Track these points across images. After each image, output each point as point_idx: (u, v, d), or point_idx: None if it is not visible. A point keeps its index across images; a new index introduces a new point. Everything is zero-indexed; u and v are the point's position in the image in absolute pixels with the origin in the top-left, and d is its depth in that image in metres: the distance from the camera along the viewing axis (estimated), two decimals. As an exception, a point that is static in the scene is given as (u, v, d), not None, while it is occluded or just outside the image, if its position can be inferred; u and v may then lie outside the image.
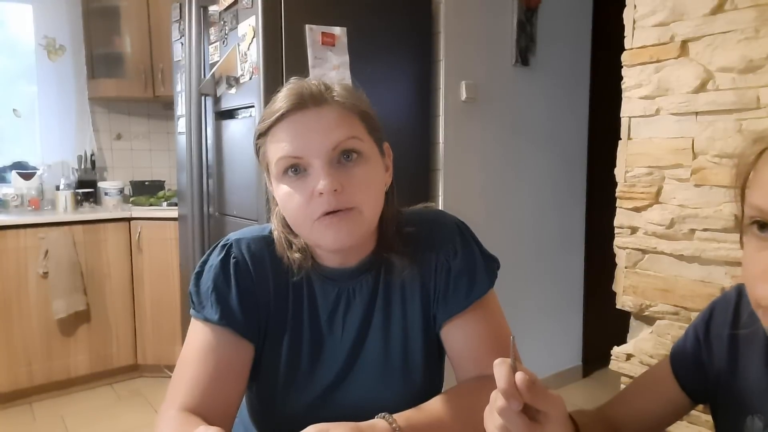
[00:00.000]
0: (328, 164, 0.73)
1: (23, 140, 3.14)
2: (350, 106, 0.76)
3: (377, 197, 0.78)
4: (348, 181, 0.73)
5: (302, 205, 0.74)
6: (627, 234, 1.57)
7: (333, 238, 0.75)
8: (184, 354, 0.79)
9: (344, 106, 0.75)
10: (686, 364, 0.77)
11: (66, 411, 2.64)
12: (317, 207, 0.73)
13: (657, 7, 1.45)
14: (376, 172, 0.78)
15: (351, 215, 0.74)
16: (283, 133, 0.74)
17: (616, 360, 1.62)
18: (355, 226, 0.75)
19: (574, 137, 2.80)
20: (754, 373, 0.69)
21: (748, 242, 0.57)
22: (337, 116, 0.74)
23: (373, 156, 0.77)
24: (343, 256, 0.82)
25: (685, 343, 0.78)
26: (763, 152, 0.57)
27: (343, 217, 0.73)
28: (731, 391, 0.71)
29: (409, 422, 0.71)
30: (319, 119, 0.74)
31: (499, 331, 0.85)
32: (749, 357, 0.70)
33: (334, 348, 0.84)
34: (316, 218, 0.73)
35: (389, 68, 2.16)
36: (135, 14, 3.06)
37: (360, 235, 0.77)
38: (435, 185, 2.34)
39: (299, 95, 0.74)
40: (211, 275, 0.81)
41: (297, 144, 0.73)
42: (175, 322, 2.86)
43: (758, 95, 1.28)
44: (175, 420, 0.73)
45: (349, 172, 0.74)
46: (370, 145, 0.77)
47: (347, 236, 0.75)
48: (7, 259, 2.59)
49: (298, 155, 0.73)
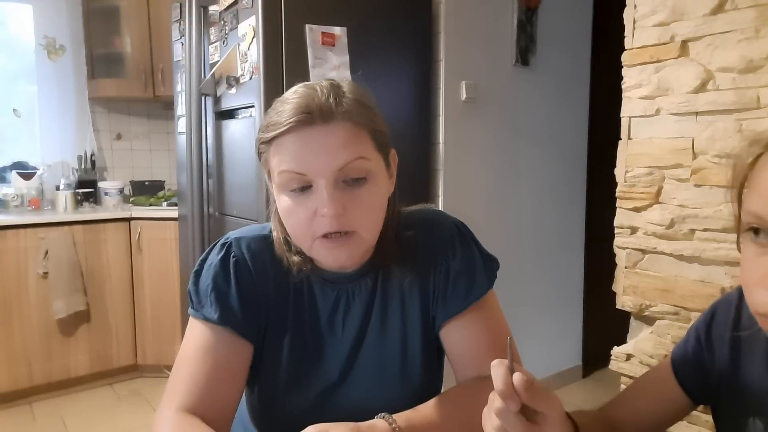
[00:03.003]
0: (332, 185, 0.71)
1: (23, 140, 3.14)
2: (360, 123, 0.73)
3: (379, 218, 0.77)
4: (351, 204, 0.72)
5: (304, 222, 0.73)
6: (627, 234, 1.57)
7: (332, 260, 0.75)
8: (182, 353, 0.79)
9: (354, 122, 0.72)
10: (687, 365, 0.77)
11: (66, 411, 2.64)
12: (319, 227, 0.72)
13: (657, 7, 1.45)
14: (381, 191, 0.77)
15: (352, 239, 0.74)
16: (287, 146, 0.71)
17: (616, 360, 1.62)
18: (355, 248, 0.75)
19: (574, 137, 2.80)
20: (755, 375, 0.69)
21: (745, 247, 0.57)
22: (346, 135, 0.71)
23: (379, 173, 0.76)
24: (344, 267, 0.81)
25: (687, 344, 0.78)
26: (759, 156, 0.56)
27: (344, 241, 0.73)
28: (733, 393, 0.71)
29: (408, 422, 0.71)
30: (326, 137, 0.70)
31: (499, 331, 0.85)
32: (751, 358, 0.70)
33: (334, 349, 0.83)
34: (317, 237, 0.73)
35: (389, 68, 2.16)
36: (135, 14, 3.06)
37: (359, 255, 0.77)
38: (435, 185, 2.34)
39: (307, 109, 0.70)
40: (210, 274, 0.80)
41: (302, 161, 0.71)
42: (175, 322, 2.86)
43: (758, 95, 1.28)
44: (173, 420, 0.72)
45: (354, 194, 0.72)
46: (377, 162, 0.75)
47: (346, 259, 0.75)
48: (7, 259, 2.59)
49: (302, 172, 0.71)
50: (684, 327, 1.46)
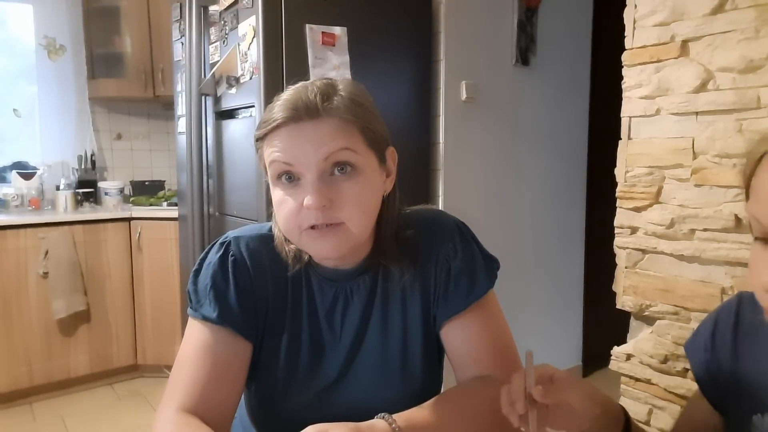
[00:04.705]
0: (318, 178, 0.72)
1: (23, 140, 3.14)
2: (348, 119, 0.73)
3: (368, 212, 0.77)
4: (337, 196, 0.73)
5: (292, 213, 0.74)
6: (627, 234, 1.56)
7: (319, 250, 0.76)
8: (181, 353, 0.79)
9: (341, 118, 0.73)
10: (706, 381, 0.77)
11: (66, 411, 2.64)
12: (305, 219, 0.73)
13: (657, 6, 1.45)
14: (370, 185, 0.76)
15: (338, 230, 0.74)
16: (277, 140, 0.73)
17: (616, 360, 1.62)
18: (342, 240, 0.75)
19: (574, 137, 2.79)
20: (760, 372, 0.69)
21: (753, 247, 0.57)
22: (332, 129, 0.72)
23: (368, 168, 0.75)
24: (337, 259, 0.81)
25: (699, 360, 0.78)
26: (764, 155, 0.56)
27: (329, 232, 0.73)
28: (738, 391, 0.72)
29: (408, 422, 0.71)
30: (313, 132, 0.72)
31: (499, 331, 0.85)
32: (754, 356, 0.70)
33: (333, 348, 0.83)
34: (304, 229, 0.74)
35: (389, 68, 2.16)
36: (135, 14, 3.06)
37: (347, 248, 0.76)
38: (435, 185, 2.34)
39: (294, 107, 0.72)
40: (209, 273, 0.81)
41: (289, 153, 0.72)
42: (175, 322, 2.86)
43: (758, 95, 1.28)
44: (173, 421, 0.72)
45: (340, 187, 0.73)
46: (366, 156, 0.75)
47: (333, 250, 0.75)
48: (7, 259, 2.59)
49: (288, 161, 0.73)
50: (684, 327, 1.46)
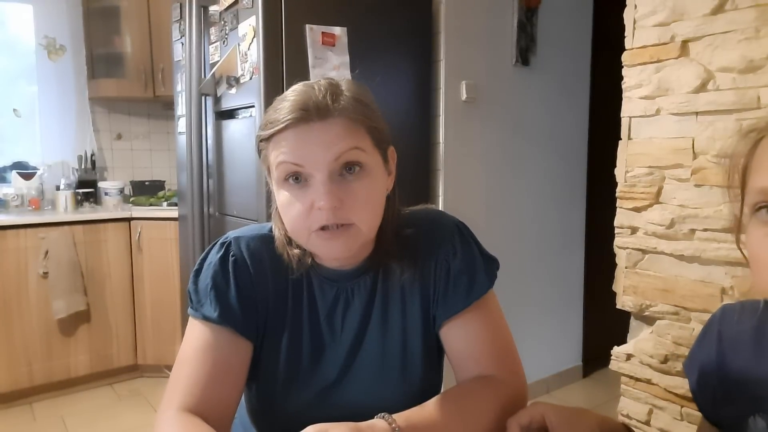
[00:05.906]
0: (328, 178, 0.72)
1: (23, 140, 3.14)
2: (356, 119, 0.74)
3: (376, 211, 0.78)
4: (348, 196, 0.73)
5: (301, 215, 0.74)
6: (627, 234, 1.57)
7: (329, 251, 0.76)
8: (182, 353, 0.79)
9: (350, 118, 0.73)
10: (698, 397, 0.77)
11: (66, 411, 2.64)
12: (315, 220, 0.73)
13: (657, 7, 1.45)
14: (378, 185, 0.77)
15: (349, 231, 0.74)
16: (285, 141, 0.73)
17: (616, 360, 1.62)
18: (352, 241, 0.75)
19: (574, 137, 2.80)
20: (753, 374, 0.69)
21: (754, 231, 0.57)
22: (341, 129, 0.72)
23: (375, 167, 0.76)
24: (343, 260, 0.82)
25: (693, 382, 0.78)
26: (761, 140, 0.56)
27: (340, 233, 0.73)
28: (731, 393, 0.72)
29: (408, 422, 0.71)
30: (323, 132, 0.72)
31: (499, 331, 0.85)
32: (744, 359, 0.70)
33: (333, 348, 0.83)
34: (313, 230, 0.74)
35: (389, 68, 2.16)
36: (135, 14, 3.06)
37: (356, 248, 0.77)
38: (435, 185, 2.34)
39: (305, 107, 0.71)
40: (209, 273, 0.81)
41: (299, 153, 0.72)
42: (175, 322, 2.86)
43: (758, 95, 1.28)
44: (174, 420, 0.72)
45: (350, 187, 0.73)
46: (373, 156, 0.76)
47: (343, 250, 0.75)
48: (7, 259, 2.59)
49: (298, 163, 0.72)
50: (684, 327, 1.46)
